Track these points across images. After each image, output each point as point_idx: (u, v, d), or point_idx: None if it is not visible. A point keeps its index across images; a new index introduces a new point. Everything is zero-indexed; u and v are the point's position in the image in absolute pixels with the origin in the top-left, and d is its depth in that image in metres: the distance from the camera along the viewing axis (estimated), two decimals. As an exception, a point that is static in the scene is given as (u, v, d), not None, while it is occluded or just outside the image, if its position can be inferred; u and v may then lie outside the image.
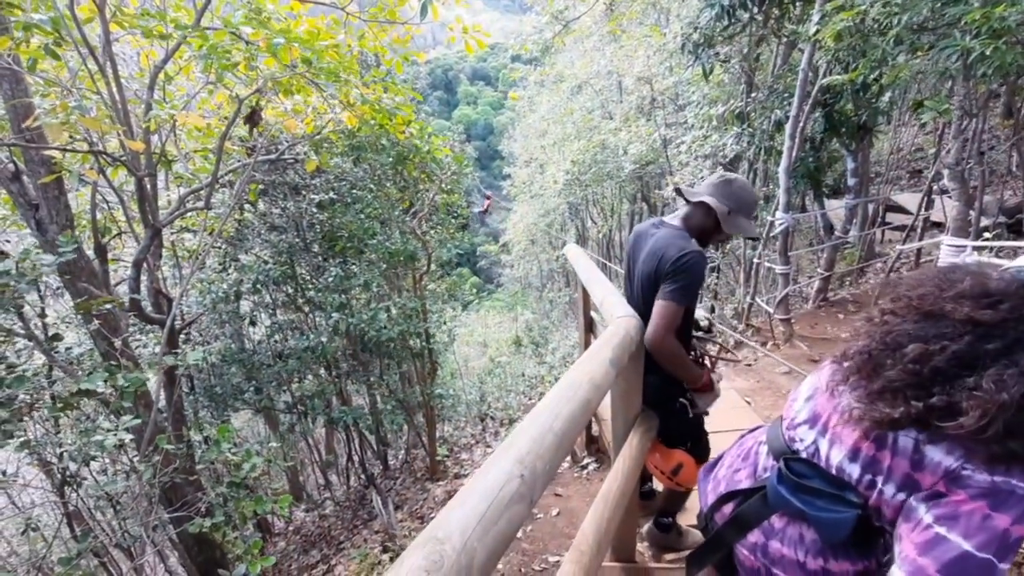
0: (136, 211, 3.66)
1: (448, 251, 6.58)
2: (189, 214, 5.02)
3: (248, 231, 5.21)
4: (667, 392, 1.98)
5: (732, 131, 7.42)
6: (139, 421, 2.77)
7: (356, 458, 6.45)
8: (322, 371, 5.54)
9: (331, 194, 4.57)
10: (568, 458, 3.69)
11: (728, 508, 1.21)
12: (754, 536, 1.13)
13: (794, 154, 5.34)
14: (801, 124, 5.24)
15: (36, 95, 3.24)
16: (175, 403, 3.61)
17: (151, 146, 3.48)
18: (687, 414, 1.98)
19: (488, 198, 28.31)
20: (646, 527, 2.44)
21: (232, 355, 5.20)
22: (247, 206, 5.19)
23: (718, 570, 1.40)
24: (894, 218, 9.35)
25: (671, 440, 2.02)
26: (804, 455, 1.05)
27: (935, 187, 6.53)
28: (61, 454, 3.19)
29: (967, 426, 0.78)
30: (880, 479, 0.90)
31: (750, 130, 7.16)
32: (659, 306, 1.72)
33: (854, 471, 0.95)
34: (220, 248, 5.46)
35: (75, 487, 3.90)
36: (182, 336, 5.29)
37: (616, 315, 1.86)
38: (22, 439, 2.44)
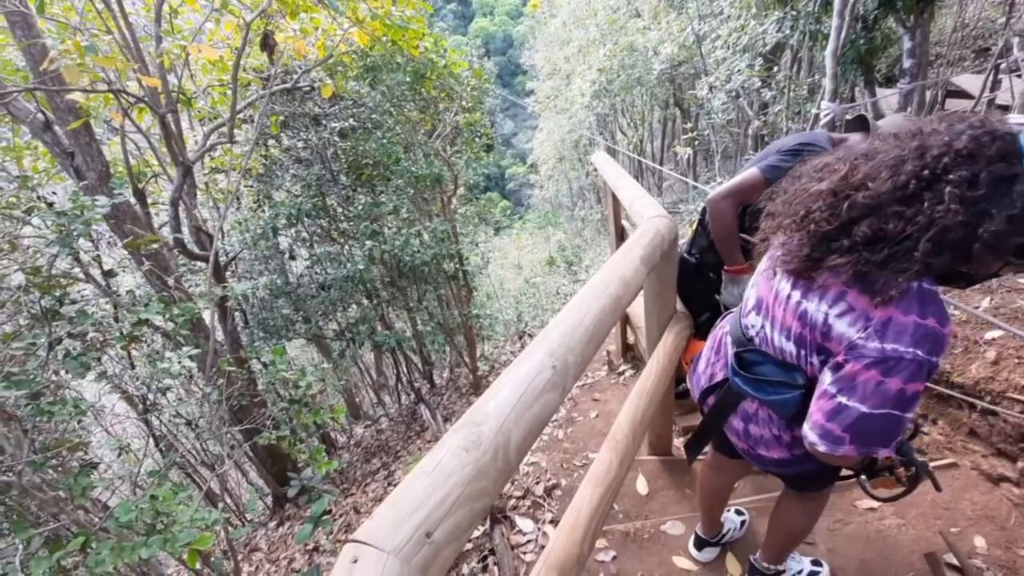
0: (166, 152, 3.72)
1: (475, 173, 6.46)
2: (217, 154, 5.07)
3: (276, 167, 5.24)
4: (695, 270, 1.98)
5: (773, 16, 6.72)
6: (199, 350, 2.99)
7: (404, 378, 6.83)
8: (364, 299, 5.75)
9: (351, 121, 4.48)
10: (605, 366, 3.79)
11: (711, 399, 1.30)
12: (736, 422, 1.25)
13: (843, 36, 4.82)
14: (851, 0, 4.67)
15: (48, 38, 3.22)
16: (230, 333, 3.85)
17: (168, 84, 3.45)
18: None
19: None
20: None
21: (278, 289, 5.44)
22: (271, 141, 5.18)
23: (723, 453, 1.52)
24: (955, 105, 8.43)
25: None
26: (757, 341, 1.13)
27: (1003, 63, 5.81)
28: (141, 384, 3.52)
29: (841, 263, 0.87)
30: (806, 352, 1.00)
31: (793, 13, 6.47)
32: (746, 172, 1.66)
33: (790, 348, 1.03)
34: (251, 187, 5.54)
35: (157, 414, 4.33)
36: (228, 272, 5.54)
37: (647, 215, 1.82)
38: (99, 370, 2.69)
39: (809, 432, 0.95)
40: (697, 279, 2.01)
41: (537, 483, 2.46)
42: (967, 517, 1.88)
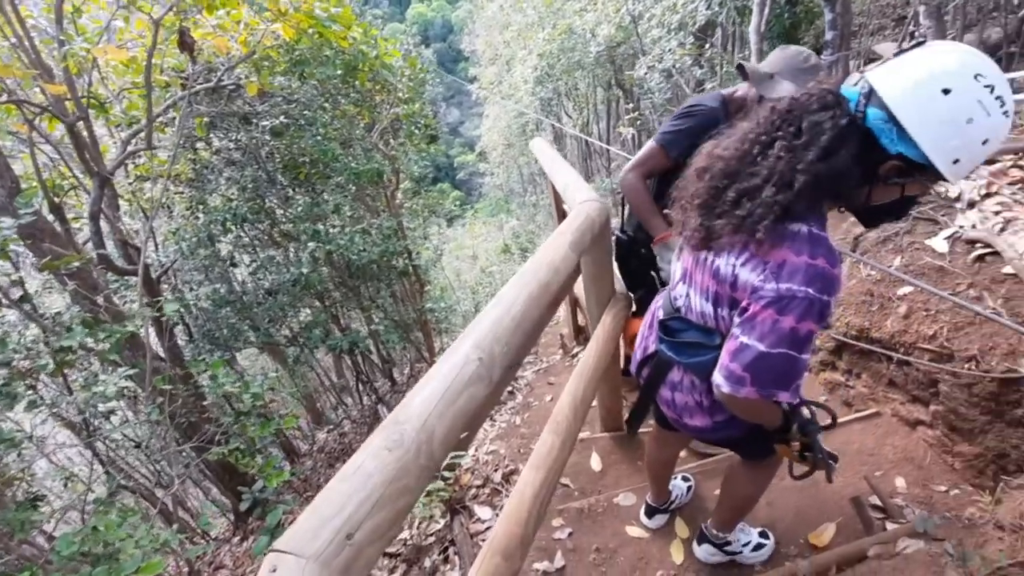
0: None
1: (419, 165, 6.36)
2: (141, 161, 4.78)
3: (207, 171, 4.99)
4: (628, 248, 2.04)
5: (703, -7, 6.88)
6: (136, 370, 2.85)
7: (364, 379, 6.72)
8: (315, 302, 5.60)
9: (282, 119, 4.31)
10: (560, 350, 3.85)
11: (646, 371, 1.36)
12: (664, 391, 1.31)
13: (766, 11, 4.99)
14: (773, -25, 4.84)
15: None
16: (170, 348, 3.68)
17: (76, 90, 3.22)
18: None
19: None
20: None
21: (222, 298, 5.22)
22: (199, 144, 4.93)
23: (663, 426, 1.59)
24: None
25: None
26: (683, 310, 1.20)
27: (915, 31, 6.18)
28: (79, 410, 3.32)
29: (736, 214, 0.96)
30: (720, 308, 1.07)
31: (721, -10, 6.64)
32: (645, 145, 1.73)
33: (708, 309, 1.10)
34: (183, 193, 5.27)
35: (102, 438, 4.11)
36: (164, 285, 5.27)
37: (579, 200, 1.85)
38: (30, 399, 2.52)
39: (716, 374, 1.03)
40: (630, 256, 2.07)
41: (496, 471, 2.49)
42: (889, 460, 2.04)
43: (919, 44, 0.87)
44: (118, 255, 3.92)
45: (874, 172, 0.91)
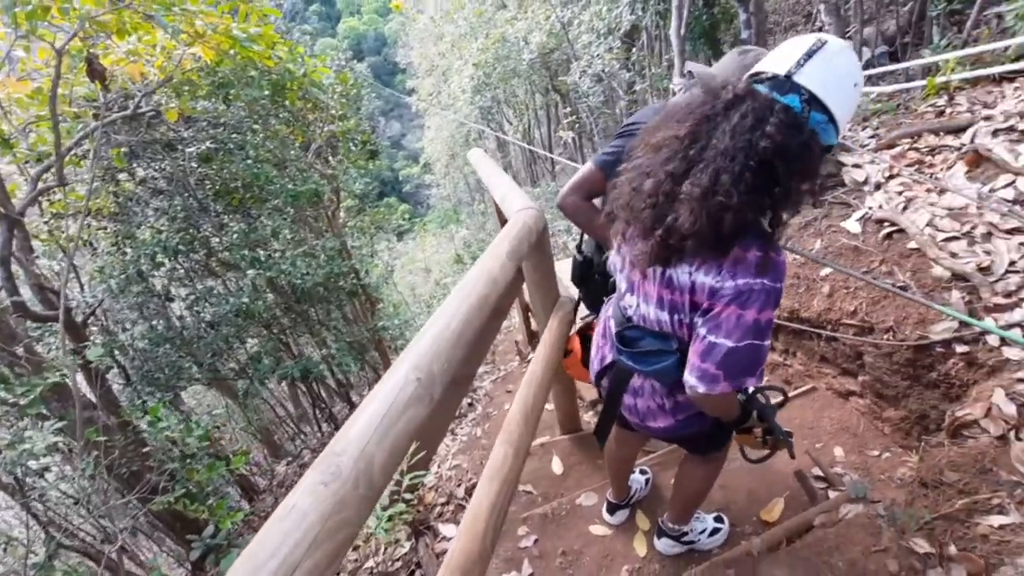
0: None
1: (361, 182, 6.24)
2: (57, 198, 4.47)
3: (132, 203, 4.72)
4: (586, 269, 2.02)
5: (625, 0, 7.14)
6: (65, 422, 2.65)
7: (322, 405, 6.51)
8: (263, 330, 5.38)
9: (210, 144, 4.14)
10: (517, 356, 3.87)
11: (605, 381, 1.39)
12: (627, 399, 1.34)
13: (685, 14, 5.23)
14: (688, -20, 5.08)
15: None
16: (103, 395, 3.44)
17: (-29, 126, 2.98)
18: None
19: None
20: None
21: (159, 336, 4.93)
22: (122, 175, 4.66)
23: (623, 427, 1.62)
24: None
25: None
26: (635, 319, 1.22)
27: (822, 28, 6.63)
28: (10, 470, 3.04)
29: (685, 229, 0.94)
30: (680, 314, 1.09)
31: (643, -5, 6.91)
32: (583, 166, 1.69)
33: (665, 317, 1.12)
34: (106, 228, 4.95)
35: (37, 498, 3.79)
36: (94, 327, 4.94)
37: (515, 208, 1.87)
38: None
39: (689, 376, 1.05)
40: (589, 277, 2.05)
41: (459, 486, 2.46)
42: (827, 432, 2.16)
43: (822, 44, 0.91)
44: (36, 300, 3.64)
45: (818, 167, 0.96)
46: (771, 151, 0.88)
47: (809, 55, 0.90)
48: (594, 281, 2.01)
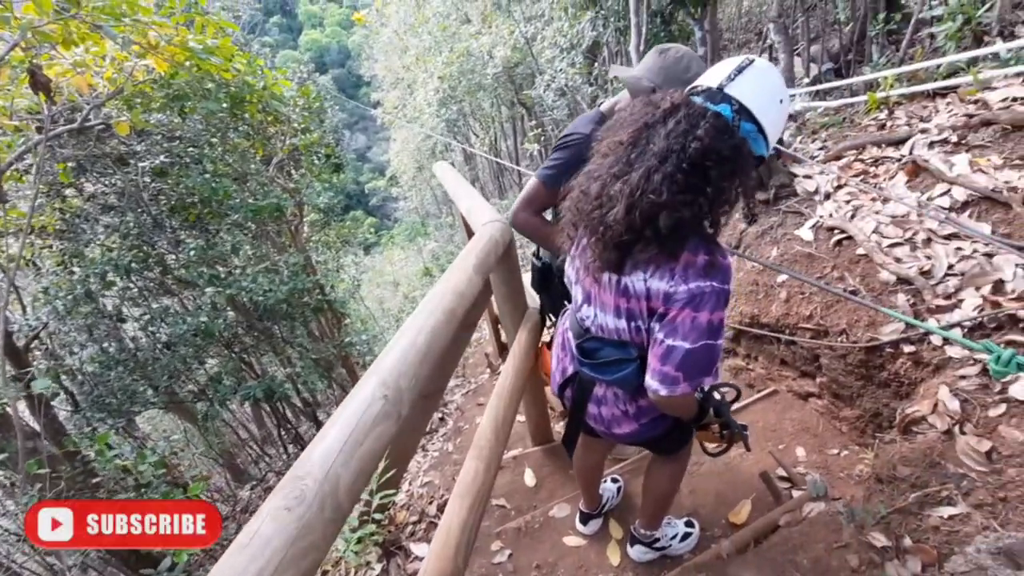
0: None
1: (325, 196, 6.14)
2: (-5, 215, 4.22)
3: (80, 220, 4.50)
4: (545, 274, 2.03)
5: (587, 16, 7.31)
6: (4, 454, 2.49)
7: (288, 426, 6.31)
8: (224, 349, 5.19)
9: (163, 157, 4.00)
10: (488, 369, 3.85)
11: (568, 392, 1.41)
12: (591, 408, 1.36)
13: (644, 31, 5.40)
14: (645, -1, 5.25)
15: None
16: (48, 424, 3.24)
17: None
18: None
19: None
20: None
21: (110, 359, 4.69)
22: (69, 191, 4.44)
23: (588, 434, 1.63)
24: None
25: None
26: (593, 330, 1.25)
27: (772, 44, 6.93)
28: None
29: (617, 223, 0.99)
30: (637, 321, 1.12)
31: (603, 13, 7.09)
32: (527, 183, 1.72)
33: (623, 325, 1.15)
34: (51, 247, 4.70)
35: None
36: (38, 351, 4.67)
37: (482, 221, 1.87)
38: None
39: (651, 380, 1.08)
40: (548, 282, 2.08)
41: (431, 503, 2.42)
42: (789, 433, 2.23)
43: (751, 62, 1.00)
44: (-28, 325, 3.40)
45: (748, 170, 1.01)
46: (700, 152, 0.94)
47: (739, 70, 0.99)
48: (554, 286, 2.02)
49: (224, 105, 4.03)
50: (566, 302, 2.05)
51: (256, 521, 0.72)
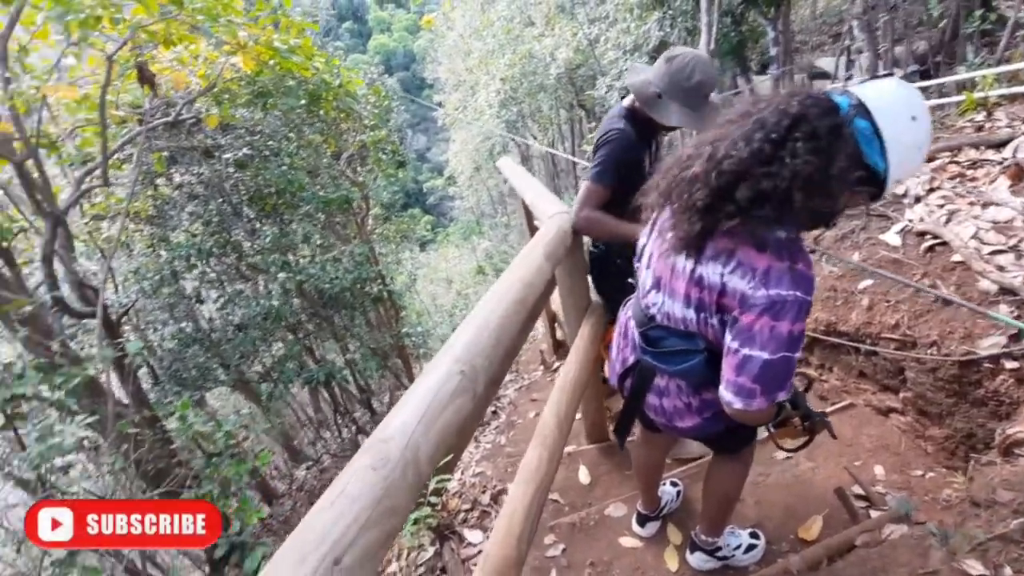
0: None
1: (389, 191, 6.35)
2: (98, 199, 4.64)
3: (169, 207, 4.88)
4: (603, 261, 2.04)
5: (654, 16, 7.18)
6: (96, 417, 2.71)
7: (342, 410, 6.56)
8: (288, 335, 5.47)
9: (246, 150, 4.26)
10: (541, 366, 3.84)
11: (628, 382, 1.37)
12: (652, 399, 1.32)
13: (714, 31, 5.24)
14: (717, -3, 5.10)
15: None
16: (134, 392, 3.52)
17: (24, 128, 3.12)
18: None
19: None
20: None
21: (188, 337, 5.05)
22: (160, 180, 4.82)
23: (649, 429, 1.59)
24: (821, 86, 9.38)
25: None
26: (658, 318, 1.21)
27: (852, 45, 6.56)
28: (36, 465, 3.12)
29: (696, 178, 0.97)
30: (705, 314, 1.08)
31: (671, 13, 6.94)
32: (581, 187, 1.75)
33: (691, 315, 1.11)
34: (143, 231, 5.12)
35: (59, 495, 3.87)
36: (127, 326, 5.07)
37: (549, 213, 1.87)
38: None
39: (724, 392, 1.03)
40: (607, 268, 2.07)
41: (483, 492, 2.44)
42: (867, 450, 2.09)
43: (889, 74, 0.97)
44: (75, 298, 3.76)
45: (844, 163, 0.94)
46: (793, 122, 0.90)
47: (874, 78, 0.96)
48: (612, 270, 1.98)
49: (302, 101, 4.25)
50: (630, 280, 2.03)
51: (343, 479, 0.74)
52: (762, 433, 1.47)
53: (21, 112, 3.16)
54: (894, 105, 0.91)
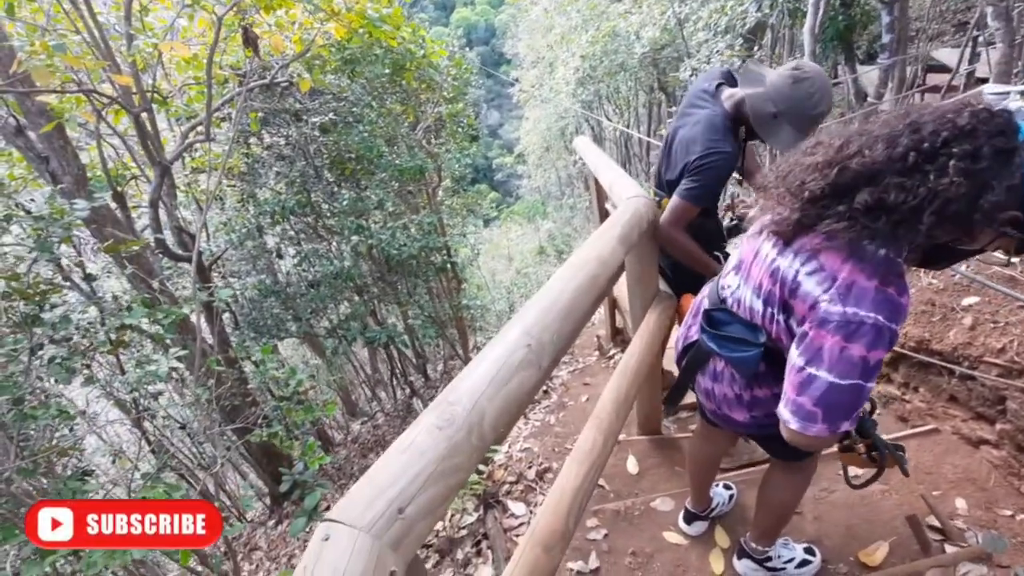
0: (144, 153, 3.67)
1: (460, 164, 6.44)
2: (198, 154, 5.02)
3: (258, 165, 5.19)
4: (682, 276, 1.99)
5: (754, -6, 6.69)
6: (187, 352, 2.98)
7: (398, 373, 6.83)
8: (355, 295, 5.74)
9: (331, 116, 4.44)
10: (596, 351, 3.81)
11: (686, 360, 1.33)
12: (704, 380, 1.28)
13: (821, 13, 4.82)
14: (830, -26, 4.67)
15: (16, 40, 3.15)
16: (219, 334, 3.83)
17: (141, 83, 3.40)
18: None
19: None
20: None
21: (267, 288, 5.42)
22: (252, 139, 5.13)
23: (707, 421, 1.54)
24: (936, 79, 8.41)
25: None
26: (730, 301, 1.16)
27: (980, 36, 5.82)
28: (131, 389, 3.51)
29: (817, 168, 0.90)
30: (772, 309, 1.02)
31: (774, -10, 6.44)
32: (673, 201, 1.70)
33: (758, 306, 1.05)
34: (235, 186, 5.49)
35: (149, 418, 4.32)
36: (215, 273, 5.50)
37: (626, 196, 1.82)
38: (86, 375, 2.67)
39: (783, 410, 0.96)
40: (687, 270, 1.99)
41: (529, 467, 2.47)
42: (948, 480, 1.92)
43: None
44: (174, 242, 4.11)
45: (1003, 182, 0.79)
46: (951, 135, 0.79)
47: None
48: (693, 274, 1.92)
49: (387, 70, 4.35)
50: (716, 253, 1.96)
51: (413, 431, 0.78)
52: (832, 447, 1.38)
53: (140, 68, 3.44)
54: None
